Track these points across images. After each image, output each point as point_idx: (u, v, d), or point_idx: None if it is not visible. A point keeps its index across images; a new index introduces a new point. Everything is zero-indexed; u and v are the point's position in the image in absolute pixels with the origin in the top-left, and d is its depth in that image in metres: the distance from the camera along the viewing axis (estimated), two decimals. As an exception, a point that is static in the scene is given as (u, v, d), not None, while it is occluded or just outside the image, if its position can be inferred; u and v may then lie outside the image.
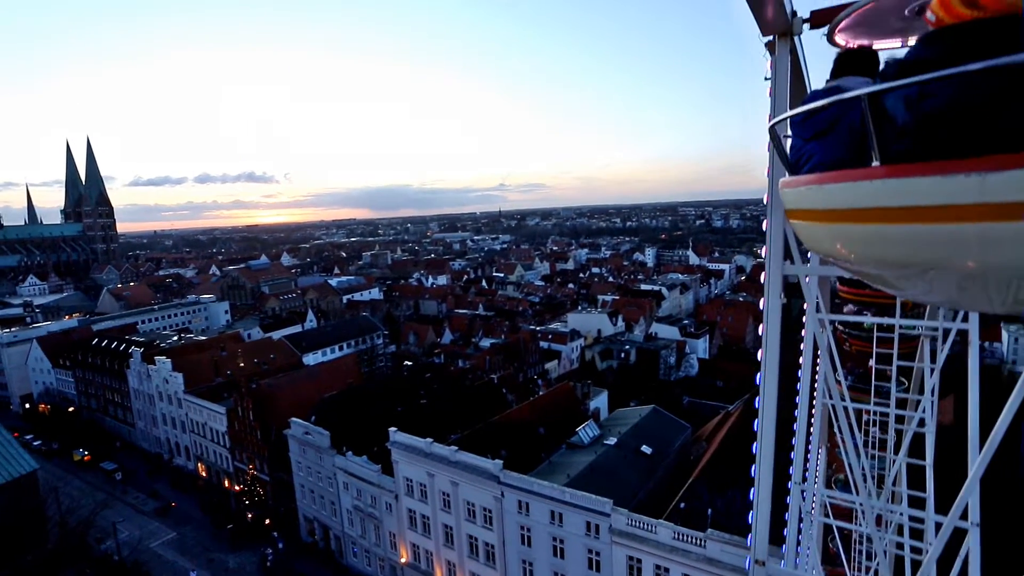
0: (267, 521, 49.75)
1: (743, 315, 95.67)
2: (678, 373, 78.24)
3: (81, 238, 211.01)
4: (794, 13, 5.56)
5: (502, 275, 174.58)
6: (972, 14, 2.30)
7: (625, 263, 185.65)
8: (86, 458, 62.31)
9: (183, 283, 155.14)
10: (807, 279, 6.26)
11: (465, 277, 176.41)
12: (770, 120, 5.32)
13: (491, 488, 31.98)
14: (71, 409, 76.17)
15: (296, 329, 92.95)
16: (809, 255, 5.75)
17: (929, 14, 2.53)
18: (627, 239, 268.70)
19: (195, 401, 57.61)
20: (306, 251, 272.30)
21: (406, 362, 71.22)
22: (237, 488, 54.14)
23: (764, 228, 5.97)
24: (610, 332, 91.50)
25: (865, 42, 4.92)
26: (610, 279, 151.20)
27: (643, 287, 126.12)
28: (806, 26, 5.66)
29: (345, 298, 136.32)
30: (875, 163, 2.41)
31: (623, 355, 76.30)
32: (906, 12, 4.05)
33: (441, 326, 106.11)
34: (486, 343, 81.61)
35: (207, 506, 53.82)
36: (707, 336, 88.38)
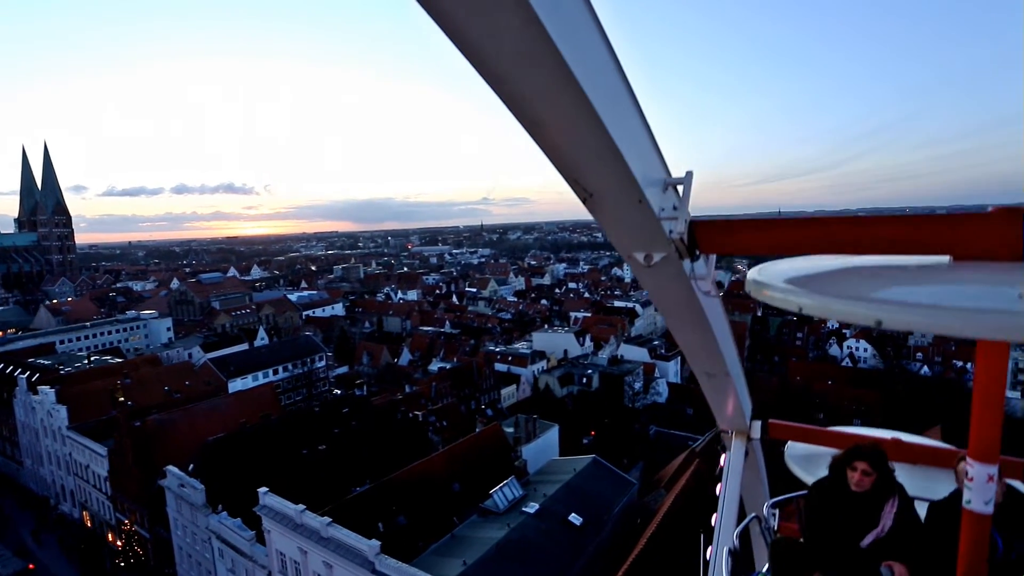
0: (144, 588, 41.59)
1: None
2: (645, 399, 71.35)
3: (35, 248, 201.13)
4: (753, 416, 6.19)
5: (475, 290, 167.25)
6: None
7: (603, 278, 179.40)
8: (-50, 505, 53.44)
9: (132, 297, 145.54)
10: None
11: (436, 292, 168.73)
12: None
13: (366, 577, 24.52)
14: (-40, 442, 67.00)
15: (243, 348, 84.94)
16: None
17: None
18: (607, 254, 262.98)
19: (76, 439, 49.35)
20: (279, 264, 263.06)
21: (336, 391, 63.36)
22: (118, 544, 45.86)
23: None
24: (577, 353, 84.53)
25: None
26: (586, 295, 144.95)
27: (617, 304, 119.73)
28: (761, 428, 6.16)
29: (305, 314, 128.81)
30: None
31: (584, 380, 69.23)
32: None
33: (400, 345, 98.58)
34: (435, 367, 74.08)
35: (80, 566, 45.38)
36: (679, 358, 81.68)
